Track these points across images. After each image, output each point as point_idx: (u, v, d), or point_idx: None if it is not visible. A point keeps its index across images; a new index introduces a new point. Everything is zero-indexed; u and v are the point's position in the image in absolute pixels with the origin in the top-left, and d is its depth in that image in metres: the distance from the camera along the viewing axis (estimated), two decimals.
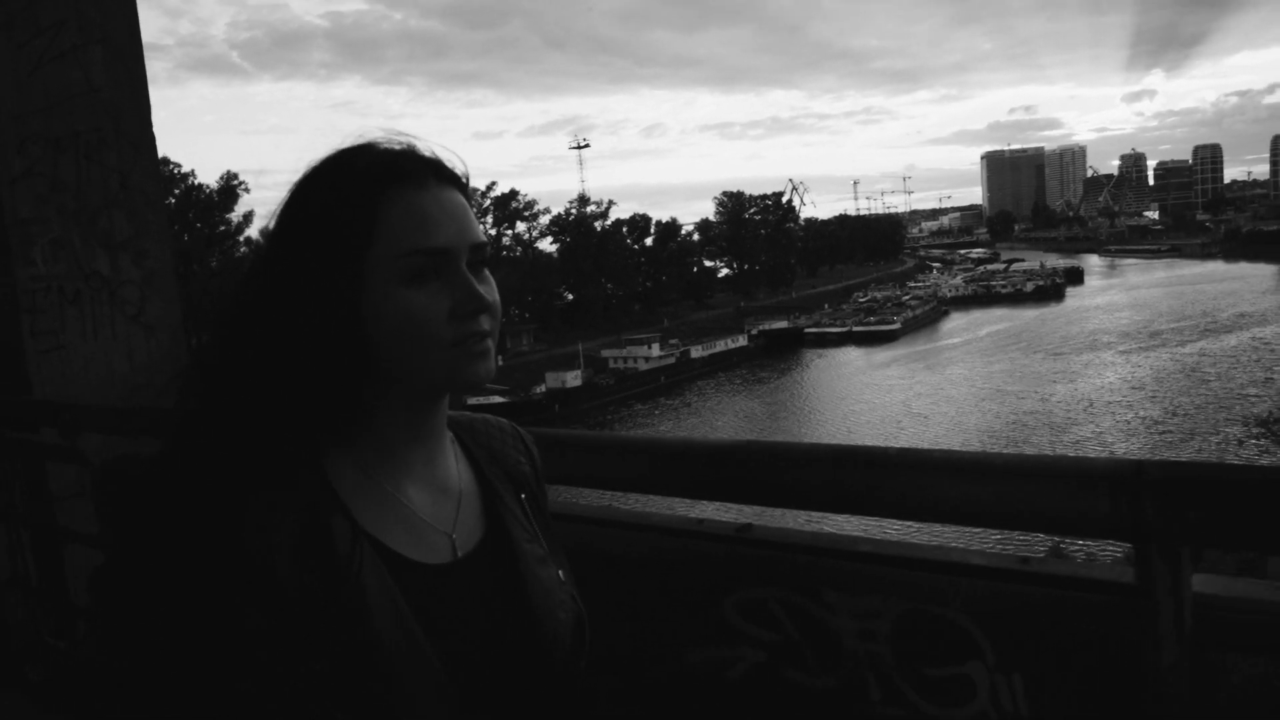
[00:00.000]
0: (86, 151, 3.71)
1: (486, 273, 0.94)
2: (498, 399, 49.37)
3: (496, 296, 0.94)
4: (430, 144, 0.96)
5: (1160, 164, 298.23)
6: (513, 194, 78.00)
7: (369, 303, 0.90)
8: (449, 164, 0.95)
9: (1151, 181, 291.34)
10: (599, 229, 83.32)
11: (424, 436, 0.98)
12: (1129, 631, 0.94)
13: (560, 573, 1.02)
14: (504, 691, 0.93)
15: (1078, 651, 1.00)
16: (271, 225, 0.94)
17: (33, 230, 3.54)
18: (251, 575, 0.82)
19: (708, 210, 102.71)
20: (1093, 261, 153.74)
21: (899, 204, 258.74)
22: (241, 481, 0.86)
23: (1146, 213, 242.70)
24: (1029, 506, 0.97)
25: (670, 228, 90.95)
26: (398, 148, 0.94)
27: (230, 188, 50.69)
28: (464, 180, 0.96)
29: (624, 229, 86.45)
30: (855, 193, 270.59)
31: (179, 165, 49.57)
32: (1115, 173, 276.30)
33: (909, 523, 1.07)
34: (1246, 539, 0.87)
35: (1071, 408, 44.99)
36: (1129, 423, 41.12)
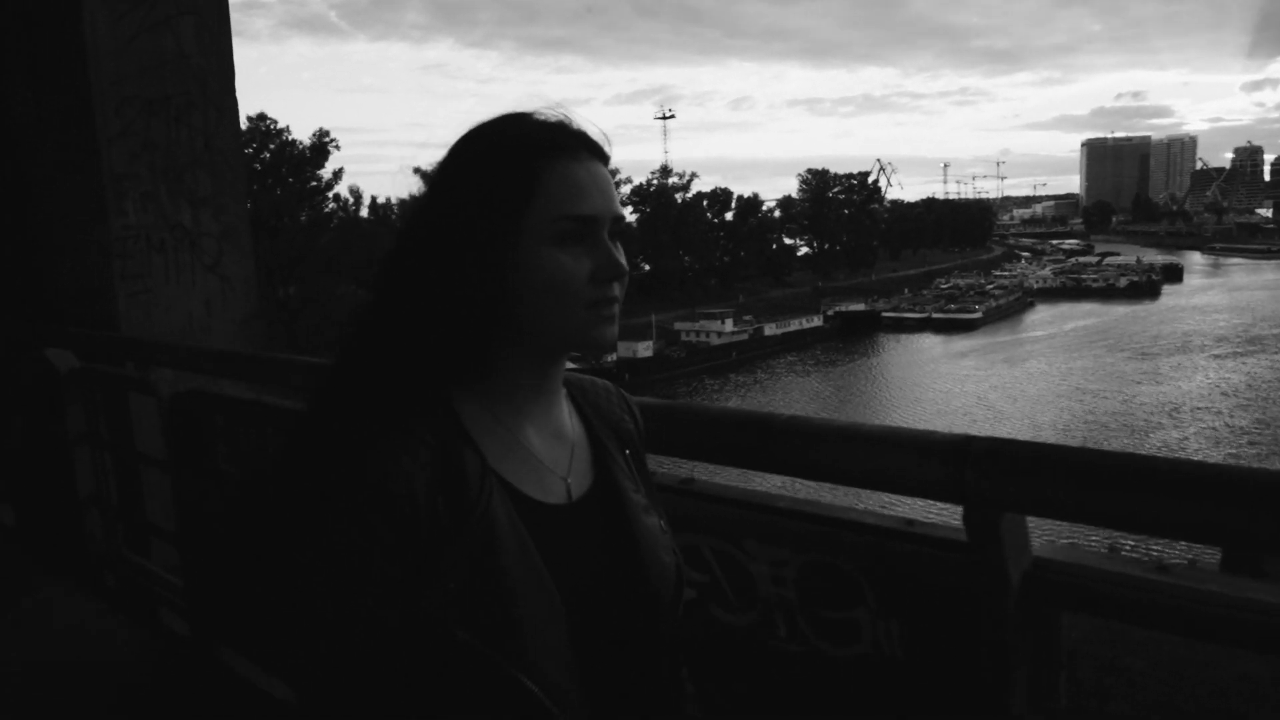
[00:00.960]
0: (176, 114, 4.05)
1: (618, 243, 1.02)
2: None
3: (627, 265, 1.02)
4: (574, 118, 1.04)
5: (1278, 159, 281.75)
6: None
7: (519, 258, 0.97)
8: (597, 139, 1.03)
9: (1267, 177, 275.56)
10: (680, 201, 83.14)
11: (545, 389, 1.06)
12: (971, 585, 1.10)
13: (661, 522, 1.10)
14: (614, 627, 1.00)
15: (940, 601, 1.16)
16: (433, 179, 1.02)
17: (125, 185, 3.90)
18: (388, 499, 0.89)
19: (792, 187, 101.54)
20: (1195, 259, 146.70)
21: (990, 189, 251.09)
22: (381, 415, 0.93)
23: (1259, 210, 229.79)
24: (885, 470, 1.13)
25: (751, 203, 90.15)
26: (553, 119, 1.02)
27: (322, 145, 51.98)
28: (608, 155, 1.04)
29: (705, 202, 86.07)
30: (945, 176, 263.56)
31: (275, 121, 51.21)
32: (1227, 166, 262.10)
33: (831, 484, 1.23)
34: (1059, 510, 1.01)
35: (1155, 411, 43.37)
36: (1215, 430, 39.48)
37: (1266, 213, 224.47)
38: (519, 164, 0.97)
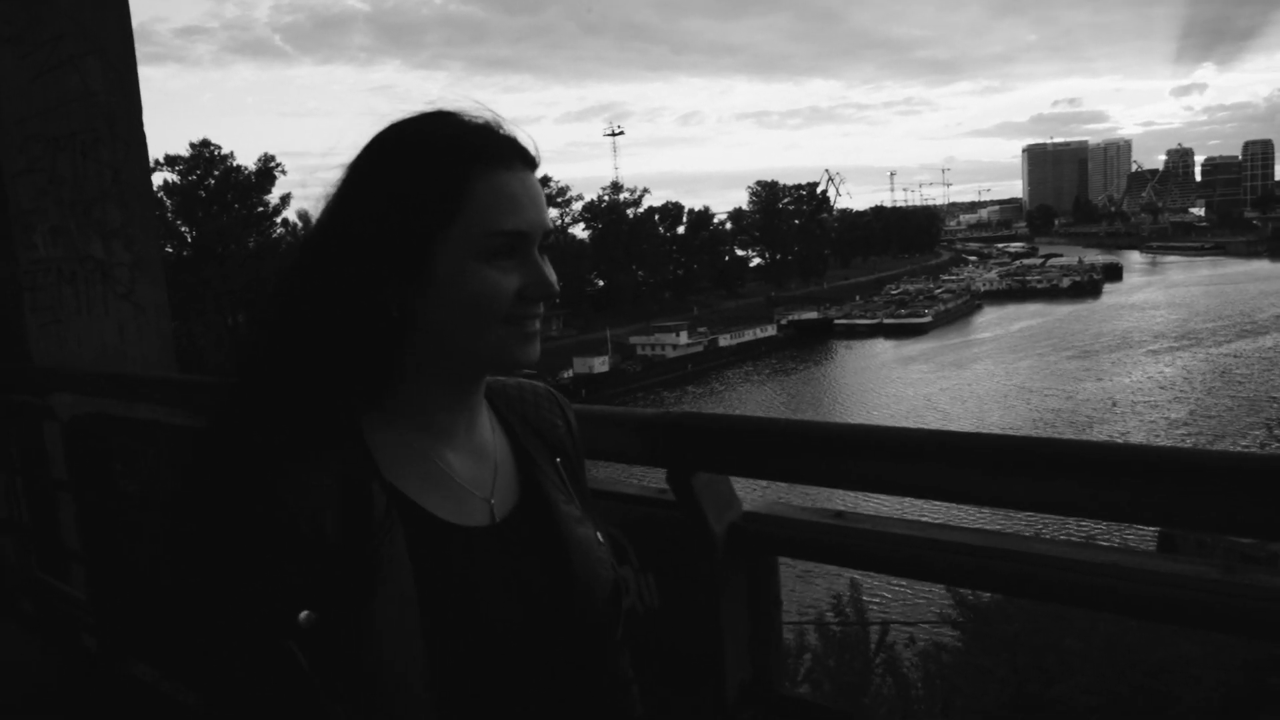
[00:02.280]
0: (83, 149, 4.19)
1: (545, 256, 0.98)
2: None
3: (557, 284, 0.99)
4: (507, 122, 0.98)
5: (1208, 160, 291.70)
6: (545, 180, 78.35)
7: (440, 273, 0.92)
8: (526, 145, 0.97)
9: (1199, 177, 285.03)
10: (631, 216, 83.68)
11: (464, 406, 1.00)
12: (689, 538, 1.32)
13: (598, 534, 1.05)
14: (546, 649, 0.95)
15: (677, 555, 1.39)
16: (346, 181, 0.95)
17: (33, 219, 4.03)
18: (294, 538, 0.85)
19: (743, 199, 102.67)
20: (1134, 258, 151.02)
21: (937, 196, 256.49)
22: (285, 446, 0.89)
23: (1192, 209, 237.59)
24: (611, 444, 1.34)
25: (703, 216, 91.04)
26: (481, 120, 0.96)
27: (268, 170, 51.75)
28: (538, 162, 0.99)
29: (656, 216, 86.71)
30: (891, 184, 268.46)
31: (219, 147, 50.81)
32: (1160, 168, 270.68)
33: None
34: (733, 468, 1.25)
35: (1097, 407, 44.63)
36: (1154, 423, 40.77)
37: (1199, 211, 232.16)
38: (448, 172, 0.91)
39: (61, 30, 4.10)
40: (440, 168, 0.91)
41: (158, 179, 51.64)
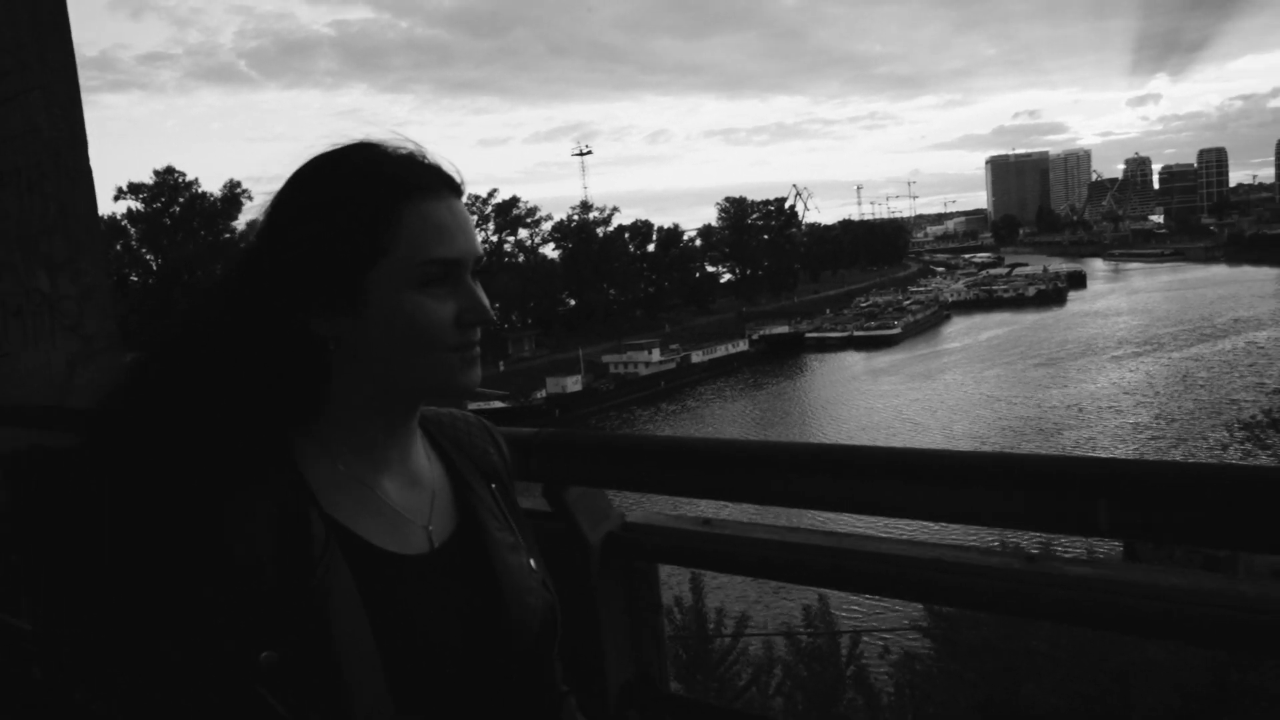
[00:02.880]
0: (28, 184, 4.24)
1: (478, 284, 0.99)
2: (498, 404, 50.03)
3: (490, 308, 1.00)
4: (426, 149, 0.99)
5: (1165, 168, 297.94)
6: (514, 201, 78.78)
7: (376, 305, 0.92)
8: (451, 173, 0.99)
9: (1156, 185, 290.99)
10: (601, 235, 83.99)
11: (400, 433, 1.00)
12: (565, 548, 1.42)
13: (531, 560, 1.06)
14: (483, 675, 0.97)
15: (558, 564, 1.48)
16: (273, 214, 0.95)
17: None
18: (229, 570, 0.85)
19: (712, 216, 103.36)
20: (1097, 265, 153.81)
21: (904, 209, 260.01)
22: (217, 479, 0.88)
23: (1151, 216, 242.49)
24: None
25: (672, 234, 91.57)
26: (405, 151, 0.97)
27: (234, 196, 51.49)
28: (463, 189, 1.00)
29: (626, 235, 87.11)
30: (859, 198, 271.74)
31: (183, 174, 50.50)
32: (1120, 177, 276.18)
33: None
34: (599, 480, 1.35)
35: (1063, 413, 45.29)
36: (1119, 428, 41.44)
37: (1158, 219, 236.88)
38: (377, 204, 0.92)
39: (4, 68, 4.15)
40: (369, 200, 0.92)
41: (121, 207, 51.36)
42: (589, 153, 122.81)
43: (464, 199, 1.00)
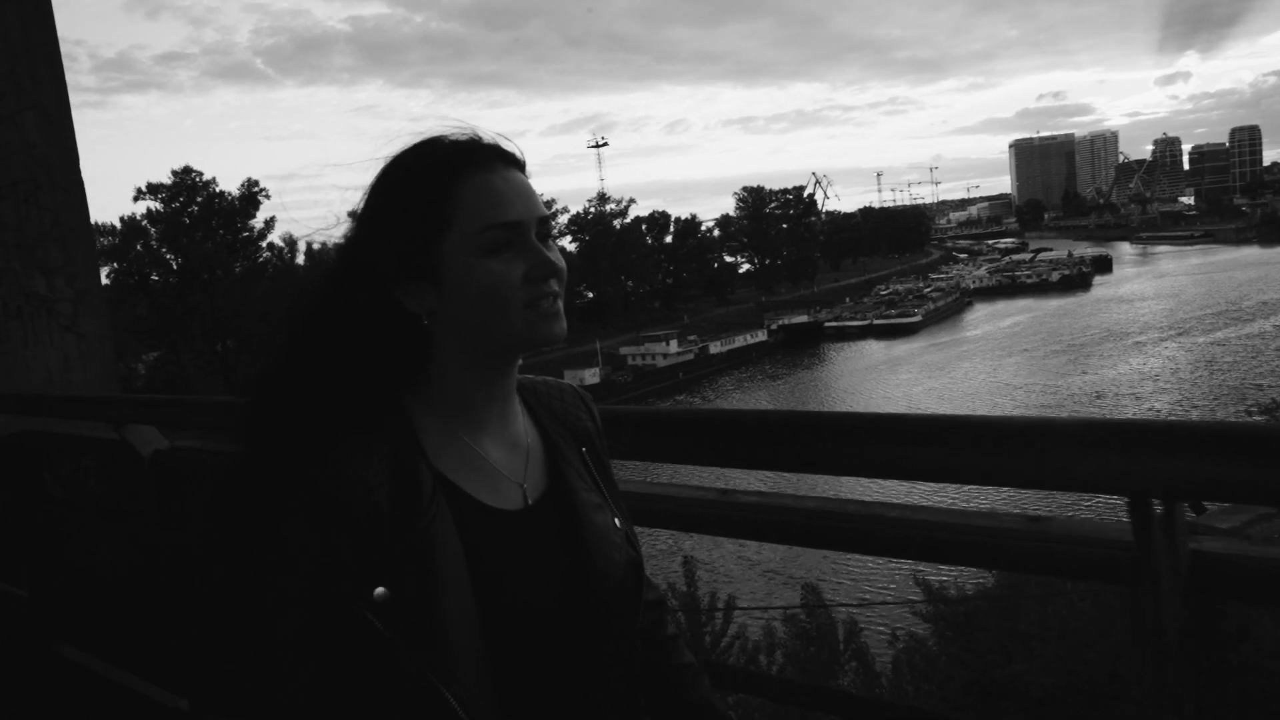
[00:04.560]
0: (24, 196, 4.61)
1: (552, 242, 1.06)
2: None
3: (563, 262, 1.06)
4: (489, 131, 1.08)
5: (1195, 148, 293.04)
6: None
7: (452, 275, 1.01)
8: (508, 148, 1.07)
9: (1186, 166, 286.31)
10: (618, 227, 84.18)
11: (497, 396, 1.08)
12: None
13: (616, 519, 1.12)
14: (575, 628, 1.04)
15: None
16: (359, 213, 1.06)
17: None
18: (351, 513, 0.93)
19: (731, 206, 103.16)
20: (1124, 249, 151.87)
21: (926, 195, 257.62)
22: (336, 426, 0.98)
23: (1181, 198, 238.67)
24: None
25: (690, 224, 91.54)
26: (464, 137, 1.06)
27: (252, 195, 52.24)
28: (522, 161, 1.08)
29: (643, 226, 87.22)
30: (879, 185, 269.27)
31: (200, 174, 51.36)
32: (1148, 158, 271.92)
33: None
34: None
35: (1081, 401, 45.04)
36: (1137, 414, 41.16)
37: (1188, 200, 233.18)
38: (434, 185, 1.01)
39: (1, 90, 4.53)
40: (430, 180, 1.02)
41: (141, 207, 52.24)
42: (605, 144, 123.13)
43: (522, 169, 1.08)
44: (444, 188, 1.01)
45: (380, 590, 0.92)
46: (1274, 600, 0.97)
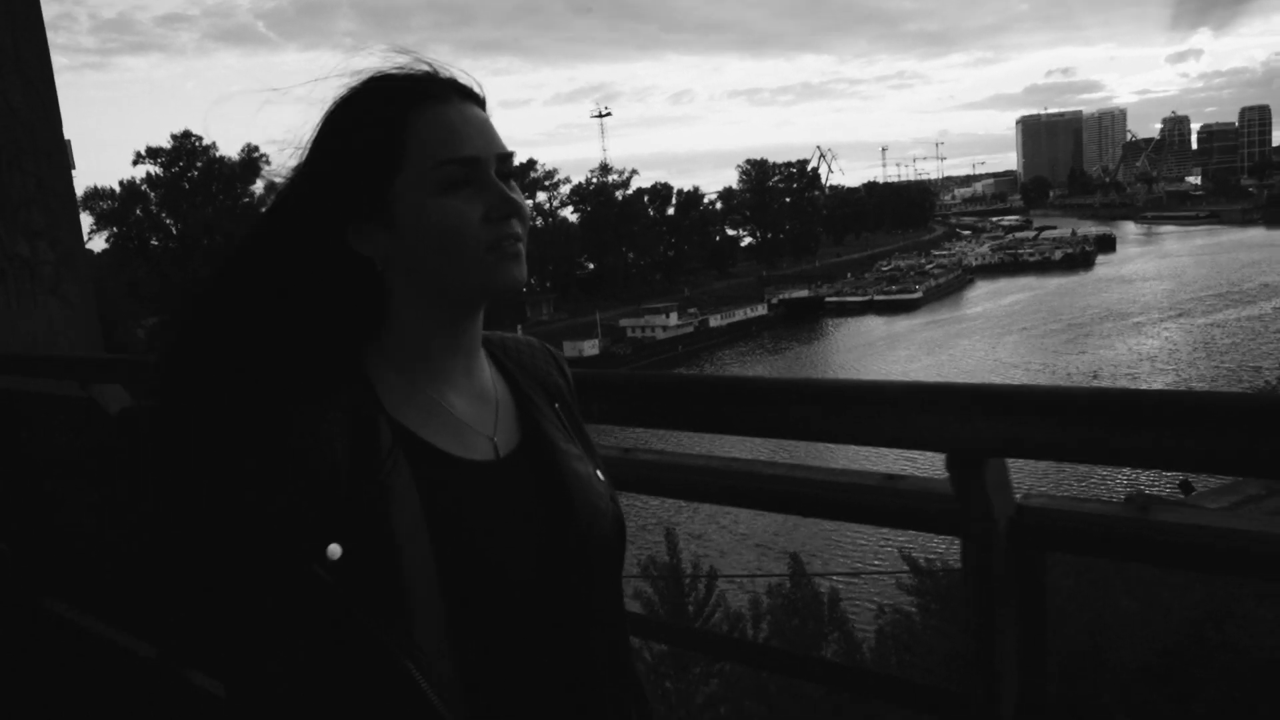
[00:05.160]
0: (8, 161, 4.67)
1: (513, 183, 1.00)
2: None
3: (525, 203, 1.00)
4: (447, 65, 1.02)
5: (1204, 127, 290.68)
6: (531, 164, 78.68)
7: (405, 215, 0.95)
8: (465, 82, 1.01)
9: (1195, 145, 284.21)
10: (620, 198, 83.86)
11: (462, 347, 1.03)
12: None
13: (598, 471, 1.07)
14: (554, 581, 0.98)
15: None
16: (305, 150, 0.99)
17: None
18: (302, 472, 0.89)
19: (735, 178, 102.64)
20: (1128, 229, 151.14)
21: (931, 170, 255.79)
22: (293, 387, 0.93)
23: (1188, 178, 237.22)
24: None
25: (693, 197, 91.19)
26: (419, 71, 0.99)
27: (252, 160, 52.00)
28: (482, 97, 1.02)
29: (645, 198, 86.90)
30: (884, 159, 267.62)
31: (200, 138, 51.15)
32: (1156, 137, 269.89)
33: None
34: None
35: (1079, 380, 45.14)
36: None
37: (1195, 180, 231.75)
38: (383, 120, 0.96)
39: None
40: (381, 112, 0.96)
41: (140, 171, 52.08)
42: (608, 114, 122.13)
43: (482, 105, 1.02)
44: (395, 121, 0.95)
45: (334, 547, 0.88)
46: (1090, 550, 1.06)
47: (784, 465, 1.29)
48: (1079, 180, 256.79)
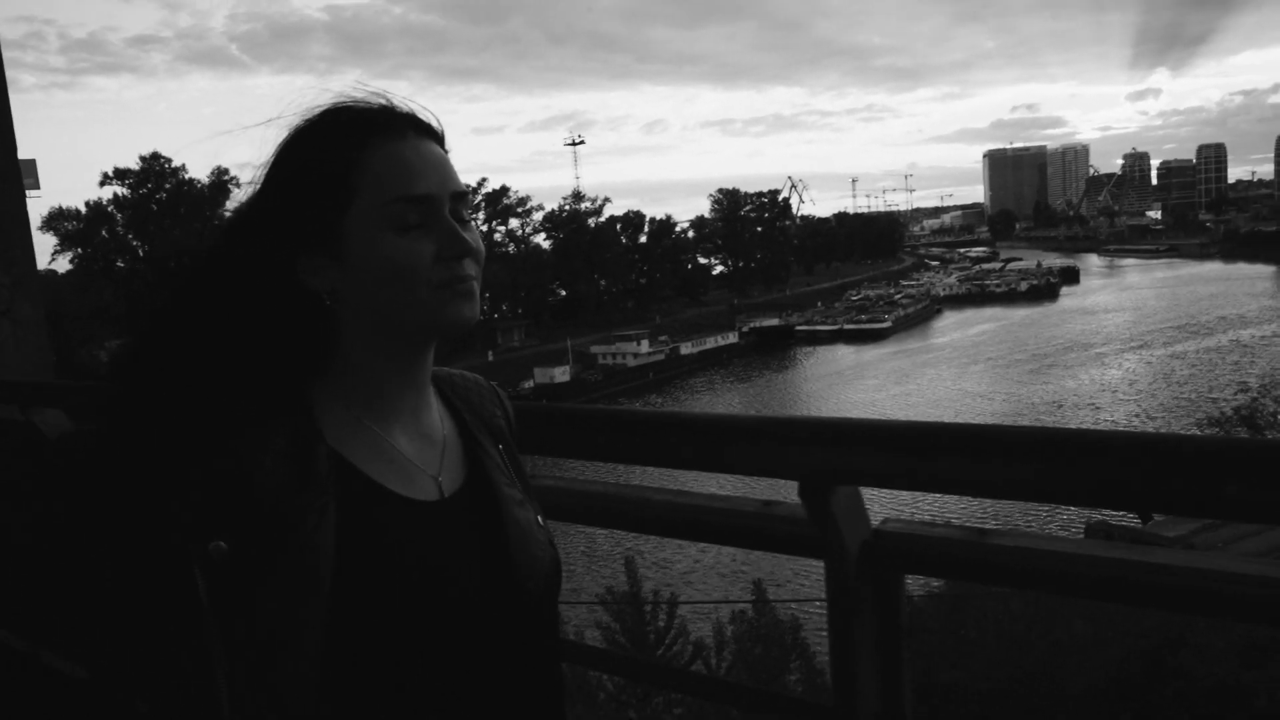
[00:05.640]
0: None
1: (469, 220, 1.00)
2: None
3: (480, 243, 1.00)
4: (406, 99, 1.01)
5: (1164, 163, 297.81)
6: (504, 190, 78.99)
7: (356, 250, 0.95)
8: (424, 117, 1.00)
9: (1155, 180, 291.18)
10: (593, 225, 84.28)
11: (410, 385, 1.02)
12: None
13: (538, 517, 1.07)
14: (486, 627, 0.97)
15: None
16: (257, 181, 0.99)
17: None
18: (239, 500, 0.87)
19: (707, 207, 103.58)
20: (1092, 261, 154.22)
21: (900, 202, 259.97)
22: (229, 413, 0.92)
23: (1149, 212, 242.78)
24: None
25: (665, 225, 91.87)
26: (375, 104, 0.99)
27: (221, 183, 51.74)
28: (440, 133, 1.02)
29: (618, 226, 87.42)
30: (854, 190, 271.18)
31: (169, 160, 50.82)
32: (1118, 172, 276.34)
33: None
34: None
35: (1043, 410, 45.83)
36: (1096, 425, 41.94)
37: (1156, 214, 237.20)
38: (335, 154, 0.95)
39: None
40: (334, 145, 0.96)
41: (107, 192, 51.62)
42: (582, 142, 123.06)
43: (439, 141, 1.01)
44: (349, 155, 0.95)
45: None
46: (937, 572, 1.16)
47: (669, 491, 1.37)
48: (1044, 213, 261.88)
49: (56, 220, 51.90)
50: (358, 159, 0.95)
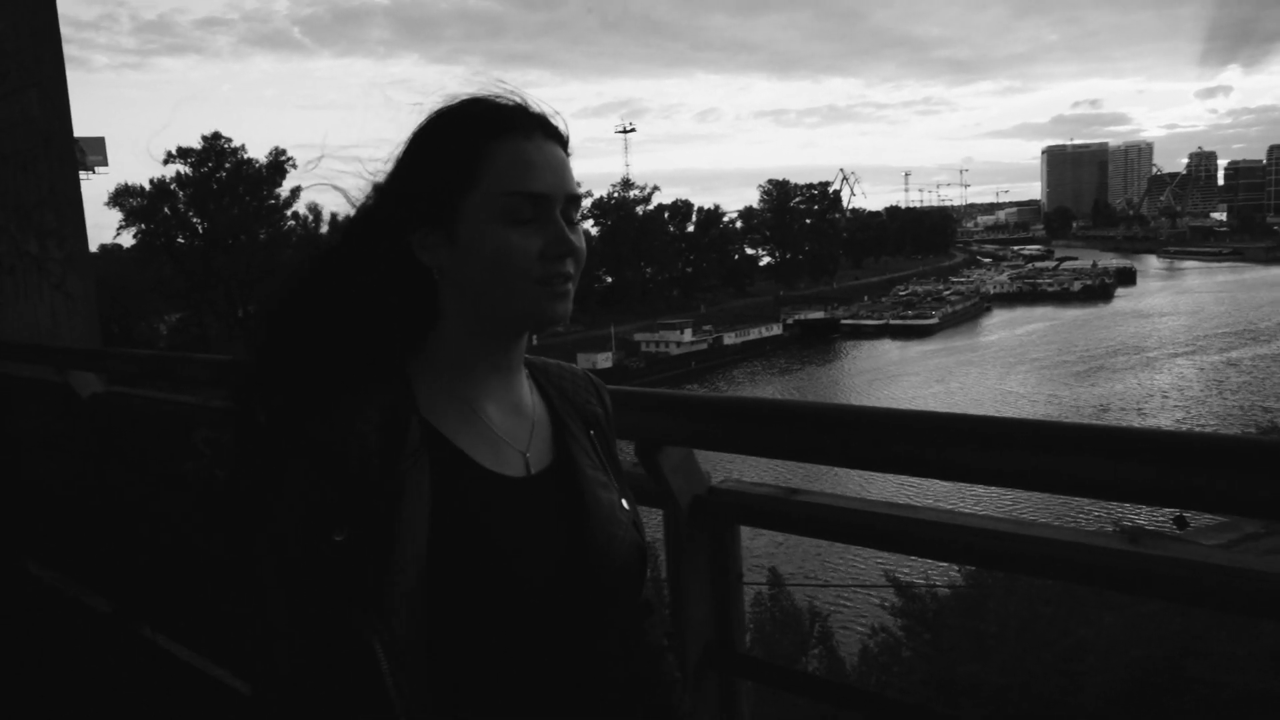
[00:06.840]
0: (23, 164, 5.11)
1: (578, 224, 1.04)
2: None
3: (584, 246, 1.04)
4: (540, 102, 1.06)
5: (1231, 163, 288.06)
6: None
7: (466, 236, 1.00)
8: (554, 121, 1.06)
9: (1221, 181, 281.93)
10: (641, 213, 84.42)
11: (503, 366, 1.06)
12: None
13: (624, 501, 1.10)
14: (563, 606, 1.00)
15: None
16: (393, 162, 1.05)
17: None
18: (338, 462, 0.93)
19: (757, 197, 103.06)
20: (1150, 262, 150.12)
21: (954, 197, 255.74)
22: (335, 380, 0.98)
23: (1213, 214, 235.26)
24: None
25: (712, 215, 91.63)
26: (511, 102, 1.04)
27: (278, 163, 53.02)
28: (565, 138, 1.06)
29: (665, 214, 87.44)
30: (906, 184, 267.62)
31: (229, 140, 52.24)
32: (1182, 171, 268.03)
33: None
34: (686, 441, 1.52)
35: (1086, 414, 45.05)
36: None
37: (1220, 216, 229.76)
38: (466, 141, 1.00)
39: (6, 69, 5.02)
40: (461, 138, 1.01)
41: (170, 170, 53.27)
42: (632, 130, 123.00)
43: (564, 145, 1.06)
44: (476, 144, 1.00)
45: (339, 536, 0.93)
46: (759, 523, 1.39)
47: None
48: (1102, 212, 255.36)
49: (122, 196, 53.66)
50: (486, 148, 1.00)
